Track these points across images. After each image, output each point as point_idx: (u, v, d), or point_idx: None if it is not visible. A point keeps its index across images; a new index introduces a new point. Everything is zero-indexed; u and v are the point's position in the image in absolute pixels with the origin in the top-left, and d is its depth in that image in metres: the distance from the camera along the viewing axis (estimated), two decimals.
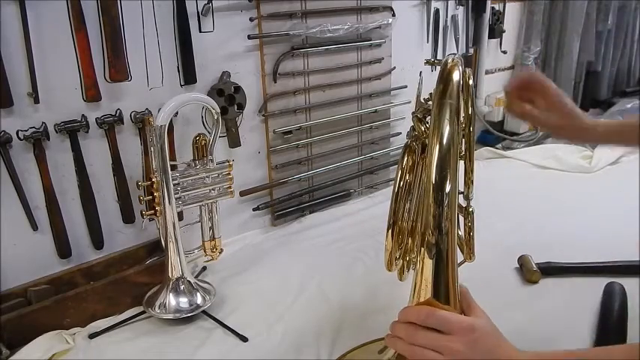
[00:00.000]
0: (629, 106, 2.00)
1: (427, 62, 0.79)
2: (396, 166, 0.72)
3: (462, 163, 0.68)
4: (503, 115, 1.90)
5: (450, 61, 0.62)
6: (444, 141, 0.52)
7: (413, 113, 0.73)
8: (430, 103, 0.68)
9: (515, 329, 0.92)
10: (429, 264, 0.51)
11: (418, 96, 0.77)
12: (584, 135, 0.79)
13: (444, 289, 0.52)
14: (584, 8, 1.95)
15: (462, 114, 0.64)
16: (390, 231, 0.69)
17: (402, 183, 0.70)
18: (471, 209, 0.66)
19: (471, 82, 0.67)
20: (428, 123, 0.68)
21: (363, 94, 1.40)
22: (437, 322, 0.53)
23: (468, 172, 0.67)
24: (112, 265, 1.05)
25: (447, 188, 0.50)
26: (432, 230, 0.49)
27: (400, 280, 0.75)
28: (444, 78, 0.59)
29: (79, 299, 0.96)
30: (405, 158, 0.70)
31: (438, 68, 0.61)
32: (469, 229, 0.66)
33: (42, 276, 0.98)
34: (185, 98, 0.97)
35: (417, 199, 0.70)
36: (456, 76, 0.59)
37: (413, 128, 0.73)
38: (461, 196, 0.66)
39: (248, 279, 1.12)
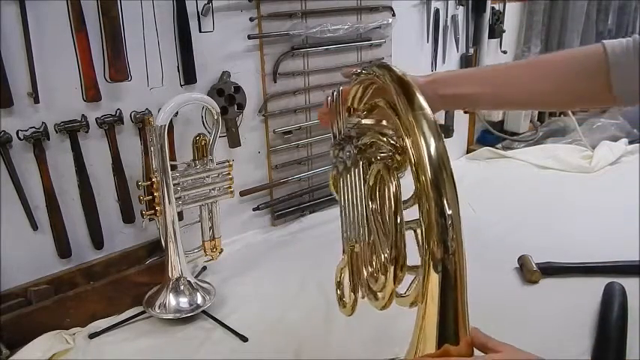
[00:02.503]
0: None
1: (354, 73, 0.73)
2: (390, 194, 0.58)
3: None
4: (503, 115, 1.89)
5: (396, 69, 0.56)
6: (433, 155, 0.46)
7: (351, 130, 0.64)
8: (365, 121, 0.62)
9: (515, 329, 0.92)
10: (434, 279, 0.46)
11: (339, 113, 0.69)
12: None
13: (452, 312, 0.47)
14: (584, 8, 1.95)
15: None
16: (394, 268, 0.56)
17: (401, 214, 0.57)
18: None
19: None
20: (392, 139, 0.59)
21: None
22: None
23: None
24: (112, 265, 1.05)
25: (449, 209, 0.45)
26: (436, 243, 0.45)
27: (349, 314, 0.69)
28: (403, 89, 0.53)
29: (79, 299, 0.96)
30: (394, 181, 0.57)
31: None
32: None
33: (42, 276, 0.98)
34: (185, 98, 0.97)
35: (389, 225, 0.60)
36: (413, 85, 0.53)
37: (358, 146, 0.62)
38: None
39: (248, 279, 1.12)
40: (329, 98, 0.73)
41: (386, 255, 0.57)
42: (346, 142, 0.65)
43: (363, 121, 0.63)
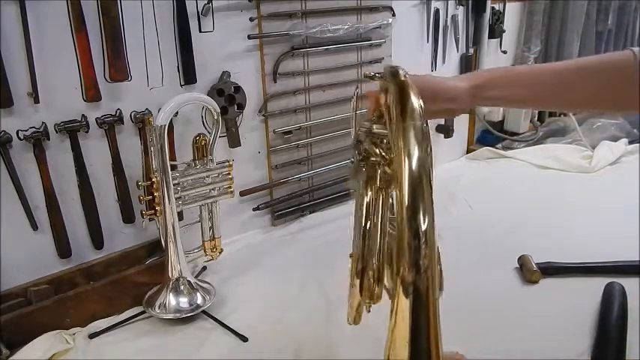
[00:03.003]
0: None
1: (366, 77, 0.70)
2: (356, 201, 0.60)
3: None
4: (503, 115, 1.89)
5: (401, 76, 0.55)
6: (415, 170, 0.44)
7: (361, 134, 0.64)
8: (374, 125, 0.61)
9: (515, 329, 0.93)
10: (405, 304, 0.42)
11: (355, 117, 0.69)
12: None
13: (424, 331, 0.43)
14: (584, 8, 1.95)
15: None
16: (359, 280, 0.58)
17: (369, 223, 0.60)
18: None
19: (420, 101, 0.59)
20: (383, 145, 0.59)
21: (363, 94, 1.40)
22: None
23: None
24: (112, 265, 1.05)
25: (423, 225, 0.42)
26: (407, 267, 0.42)
27: (355, 323, 0.68)
28: (400, 97, 0.51)
29: (79, 299, 0.96)
30: (369, 193, 0.59)
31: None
32: (438, 257, 0.54)
33: (42, 276, 0.98)
34: (185, 98, 0.97)
35: (380, 237, 0.61)
36: (413, 94, 0.52)
37: (361, 153, 0.62)
38: None
39: (248, 279, 1.12)
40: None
41: (357, 266, 0.57)
42: (356, 146, 0.65)
43: (374, 127, 0.61)
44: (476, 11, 1.65)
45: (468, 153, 1.85)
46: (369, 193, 0.58)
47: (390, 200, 0.61)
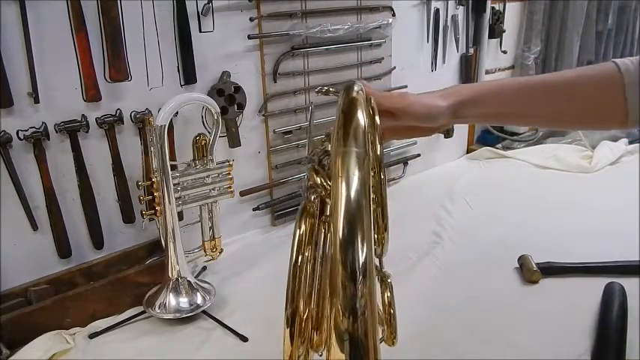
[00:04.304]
0: None
1: (319, 91, 0.64)
2: (296, 223, 0.54)
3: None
4: None
5: (352, 92, 0.49)
6: (352, 202, 0.38)
7: (306, 158, 0.58)
8: (327, 144, 0.54)
9: (515, 329, 0.93)
10: (339, 356, 0.35)
11: (309, 133, 0.62)
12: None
13: None
14: (584, 8, 1.95)
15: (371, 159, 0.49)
16: (289, 329, 0.51)
17: (300, 257, 0.54)
18: (389, 279, 0.49)
19: (377, 118, 0.53)
20: (327, 170, 0.52)
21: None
22: None
23: (381, 228, 0.52)
24: (112, 265, 1.05)
25: (361, 257, 0.36)
26: (342, 312, 0.35)
27: None
28: (345, 118, 0.46)
29: (79, 299, 0.96)
30: (303, 225, 0.53)
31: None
32: (388, 303, 0.50)
33: (42, 276, 0.98)
34: (185, 98, 0.97)
35: (319, 276, 0.55)
36: (360, 114, 0.46)
37: (307, 179, 0.55)
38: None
39: (248, 279, 1.12)
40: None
41: (285, 311, 0.51)
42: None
43: (329, 146, 0.53)
44: (476, 11, 1.65)
45: (468, 153, 1.85)
46: (303, 225, 0.52)
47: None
